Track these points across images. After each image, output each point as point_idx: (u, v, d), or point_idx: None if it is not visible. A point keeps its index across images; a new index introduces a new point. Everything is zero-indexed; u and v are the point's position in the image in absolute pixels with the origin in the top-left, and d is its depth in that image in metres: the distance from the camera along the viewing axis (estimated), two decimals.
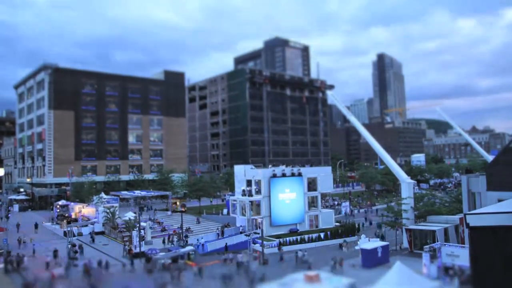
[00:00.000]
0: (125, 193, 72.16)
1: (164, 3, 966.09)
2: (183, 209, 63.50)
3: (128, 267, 36.93)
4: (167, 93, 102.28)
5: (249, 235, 47.13)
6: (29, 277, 32.02)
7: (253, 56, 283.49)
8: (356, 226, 55.54)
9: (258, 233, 46.60)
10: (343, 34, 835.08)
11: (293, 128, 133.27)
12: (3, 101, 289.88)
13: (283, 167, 58.45)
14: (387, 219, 49.33)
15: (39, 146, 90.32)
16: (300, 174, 56.52)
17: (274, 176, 54.59)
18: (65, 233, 50.86)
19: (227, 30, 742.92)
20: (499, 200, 33.46)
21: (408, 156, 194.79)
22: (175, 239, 48.86)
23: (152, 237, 49.48)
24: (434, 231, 41.04)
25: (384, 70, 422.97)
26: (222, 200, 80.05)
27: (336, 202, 79.65)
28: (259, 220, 53.47)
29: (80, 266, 36.20)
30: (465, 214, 25.29)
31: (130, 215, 53.41)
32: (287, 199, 55.12)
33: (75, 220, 60.58)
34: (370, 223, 62.38)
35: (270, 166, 63.24)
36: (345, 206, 73.42)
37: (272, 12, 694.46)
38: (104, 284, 30.43)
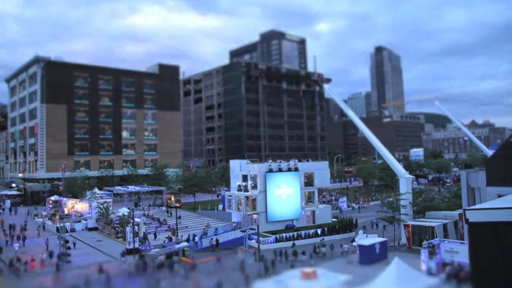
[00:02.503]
0: (118, 188, 71.17)
1: None
2: (177, 205, 62.78)
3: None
4: (162, 87, 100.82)
5: (244, 231, 46.43)
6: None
7: (249, 49, 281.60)
8: (354, 222, 54.89)
9: (254, 229, 45.90)
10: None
11: (290, 122, 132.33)
12: None
13: (280, 161, 57.61)
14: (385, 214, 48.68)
15: (31, 140, 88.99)
16: (296, 169, 55.69)
17: (270, 171, 53.75)
18: (57, 229, 49.89)
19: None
20: (499, 196, 33.10)
21: (407, 150, 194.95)
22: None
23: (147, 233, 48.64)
24: (433, 227, 40.52)
25: (382, 63, 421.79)
26: (218, 196, 79.26)
27: (333, 198, 79.04)
28: (255, 216, 52.70)
29: (73, 262, 35.67)
30: (464, 210, 25.00)
31: (124, 210, 52.46)
32: (284, 194, 54.31)
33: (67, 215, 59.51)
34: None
35: (268, 160, 62.34)
36: (343, 202, 72.80)
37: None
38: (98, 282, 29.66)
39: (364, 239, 39.01)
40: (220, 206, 65.07)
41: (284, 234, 47.91)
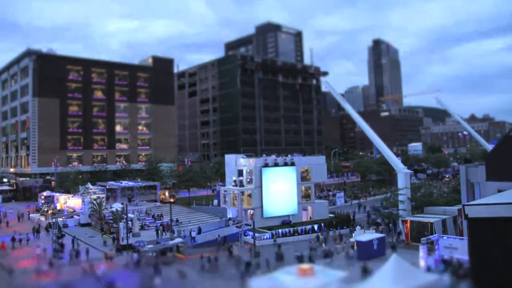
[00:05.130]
0: (112, 184, 70.16)
1: None
2: (172, 200, 61.74)
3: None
4: (156, 80, 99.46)
5: (240, 227, 45.72)
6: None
7: (244, 41, 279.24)
8: (351, 217, 54.22)
9: (250, 225, 45.16)
10: None
11: (286, 116, 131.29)
12: None
13: (275, 156, 56.77)
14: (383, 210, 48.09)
15: (23, 135, 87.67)
16: (293, 164, 54.87)
17: (266, 165, 52.92)
18: (50, 225, 48.95)
19: None
20: (499, 191, 32.58)
21: (405, 145, 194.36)
22: None
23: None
24: (431, 223, 39.90)
25: (380, 56, 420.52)
26: (213, 191, 78.47)
27: (330, 193, 78.34)
28: (251, 212, 51.93)
29: (65, 259, 34.85)
30: (463, 205, 24.56)
31: (117, 206, 51.55)
32: (280, 189, 53.53)
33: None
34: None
35: (264, 154, 61.66)
36: (340, 197, 72.21)
37: None
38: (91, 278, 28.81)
39: (362, 235, 38.46)
40: (215, 201, 64.28)
41: (280, 230, 47.21)
